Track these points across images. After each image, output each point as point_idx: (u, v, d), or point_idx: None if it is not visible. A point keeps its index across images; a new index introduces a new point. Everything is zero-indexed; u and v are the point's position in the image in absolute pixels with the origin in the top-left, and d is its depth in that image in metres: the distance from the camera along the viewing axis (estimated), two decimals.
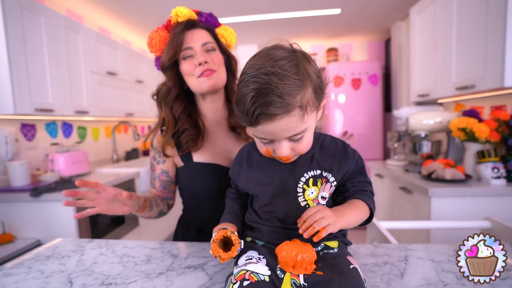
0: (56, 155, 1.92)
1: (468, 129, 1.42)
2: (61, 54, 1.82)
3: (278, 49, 0.46)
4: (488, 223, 0.95)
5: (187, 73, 0.77)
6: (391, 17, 2.88)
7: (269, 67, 0.42)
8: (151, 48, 0.79)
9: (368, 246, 0.70)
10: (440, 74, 1.73)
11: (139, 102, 2.83)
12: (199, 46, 0.75)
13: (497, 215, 1.16)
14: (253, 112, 0.43)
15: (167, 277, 0.59)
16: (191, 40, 0.75)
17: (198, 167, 0.78)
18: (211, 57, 0.76)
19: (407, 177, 1.58)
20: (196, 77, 0.75)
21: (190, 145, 0.77)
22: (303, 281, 0.42)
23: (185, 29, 0.75)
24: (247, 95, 0.43)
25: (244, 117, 0.45)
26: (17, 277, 0.61)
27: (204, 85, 0.75)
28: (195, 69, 0.75)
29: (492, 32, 1.31)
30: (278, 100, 0.41)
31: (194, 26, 0.77)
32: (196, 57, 0.75)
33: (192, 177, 0.80)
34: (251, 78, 0.43)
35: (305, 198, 0.52)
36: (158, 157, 0.82)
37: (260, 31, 3.20)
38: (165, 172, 0.83)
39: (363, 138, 3.15)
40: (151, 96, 0.84)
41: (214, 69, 0.75)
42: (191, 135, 0.78)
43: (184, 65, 0.76)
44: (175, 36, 0.74)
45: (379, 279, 0.55)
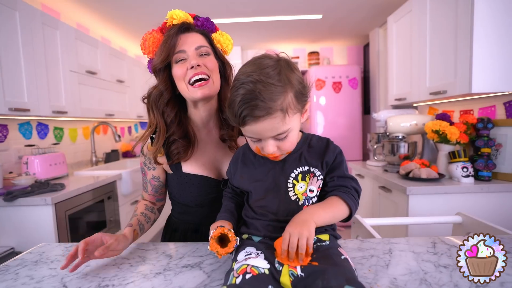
0: (31, 157, 1.83)
1: (440, 131, 1.53)
2: (38, 51, 1.74)
3: (265, 58, 0.52)
4: (460, 217, 1.03)
5: (178, 78, 0.74)
6: (370, 23, 3.01)
7: (256, 75, 0.49)
8: (144, 50, 0.77)
9: (355, 241, 0.75)
10: (415, 80, 1.85)
11: (119, 102, 2.75)
12: (193, 49, 0.73)
13: (467, 210, 1.26)
14: (240, 113, 0.49)
15: (165, 276, 0.59)
16: (185, 43, 0.73)
17: (187, 178, 0.78)
18: (204, 61, 0.73)
19: (386, 176, 1.66)
20: (186, 82, 0.73)
21: (181, 156, 0.77)
22: (300, 272, 0.45)
23: (179, 32, 0.73)
24: (235, 99, 0.49)
25: (233, 118, 0.52)
26: (4, 284, 0.59)
27: (196, 94, 0.73)
28: (187, 73, 0.72)
29: (461, 43, 1.42)
30: (261, 104, 0.48)
31: (188, 30, 0.75)
32: (188, 60, 0.73)
33: (181, 187, 0.79)
34: (241, 85, 0.49)
35: (295, 193, 0.56)
36: (148, 163, 0.82)
37: (244, 33, 3.23)
38: (156, 178, 0.83)
39: (343, 140, 3.26)
40: (141, 99, 0.81)
41: (207, 73, 0.73)
42: (182, 147, 0.77)
43: (176, 69, 0.74)
44: (168, 38, 0.72)
45: (368, 270, 0.59)
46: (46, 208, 1.44)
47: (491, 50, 1.35)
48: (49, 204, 1.43)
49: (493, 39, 1.35)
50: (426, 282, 0.54)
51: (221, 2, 2.41)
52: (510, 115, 1.49)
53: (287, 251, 0.46)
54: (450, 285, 0.53)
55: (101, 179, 1.88)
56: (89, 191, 1.75)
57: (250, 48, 3.82)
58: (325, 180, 0.58)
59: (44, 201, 1.42)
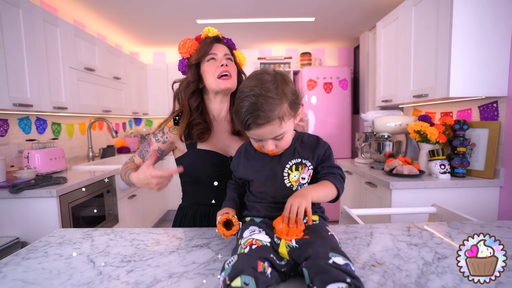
0: (32, 151, 1.87)
1: (422, 131, 1.67)
2: (39, 48, 1.78)
3: (265, 74, 0.64)
4: (434, 208, 1.16)
5: (208, 72, 0.92)
6: (360, 27, 3.14)
7: (257, 90, 0.60)
8: (183, 50, 0.96)
9: (342, 226, 0.86)
10: (401, 83, 1.98)
11: (115, 99, 2.80)
12: (222, 54, 0.93)
13: (443, 203, 1.39)
14: (245, 121, 0.60)
15: (179, 254, 0.69)
16: (217, 49, 0.94)
17: (200, 152, 0.93)
18: (229, 64, 0.93)
19: (372, 173, 1.79)
20: (215, 77, 0.90)
21: (200, 137, 0.92)
22: (295, 243, 0.56)
23: (214, 41, 0.94)
24: (241, 110, 0.60)
25: (239, 124, 0.63)
26: (37, 260, 0.67)
27: (222, 85, 0.90)
28: (217, 69, 0.91)
29: (440, 51, 1.56)
30: (262, 114, 0.59)
31: (219, 41, 0.97)
32: (218, 60, 0.92)
33: (194, 161, 0.93)
34: (245, 97, 0.60)
35: (290, 180, 0.68)
36: (160, 137, 0.95)
37: (239, 33, 3.31)
38: (160, 150, 0.97)
39: (333, 138, 3.39)
40: (172, 86, 0.99)
41: (230, 72, 0.92)
42: (202, 129, 0.92)
43: (207, 66, 0.92)
44: (205, 44, 0.93)
45: (351, 248, 0.70)
46: (51, 200, 1.50)
47: (467, 58, 1.49)
48: (54, 196, 1.49)
49: (469, 49, 1.49)
50: (399, 256, 0.65)
51: (217, 4, 2.48)
52: (484, 118, 1.64)
53: (289, 218, 0.56)
54: (417, 258, 0.64)
55: (98, 174, 1.94)
56: (91, 185, 1.82)
57: (244, 47, 3.90)
58: (316, 170, 0.70)
59: (49, 193, 1.48)
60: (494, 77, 1.50)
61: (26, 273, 0.61)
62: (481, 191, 1.55)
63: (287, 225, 0.59)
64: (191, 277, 0.58)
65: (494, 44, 1.48)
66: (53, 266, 0.64)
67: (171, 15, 2.70)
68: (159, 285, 0.55)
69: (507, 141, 1.51)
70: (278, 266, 0.53)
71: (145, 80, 3.59)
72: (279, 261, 0.54)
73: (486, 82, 1.50)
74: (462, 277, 0.56)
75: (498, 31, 1.47)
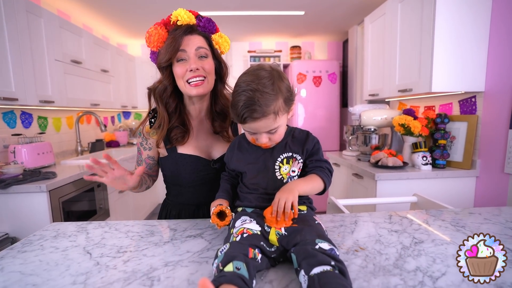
0: (18, 146, 1.84)
1: (406, 125, 1.73)
2: (23, 39, 1.73)
3: (261, 70, 0.65)
4: (415, 198, 1.23)
5: (178, 76, 0.84)
6: (349, 21, 3.18)
7: (254, 85, 0.61)
8: (149, 44, 0.85)
9: (329, 215, 0.91)
10: (387, 77, 2.04)
11: (104, 92, 2.75)
12: (193, 50, 0.82)
13: (425, 192, 1.47)
14: (242, 115, 0.62)
15: (173, 244, 0.72)
16: (187, 44, 0.82)
17: (181, 157, 0.90)
18: (202, 64, 0.83)
19: (359, 165, 1.86)
20: (185, 81, 0.83)
21: (178, 141, 0.89)
22: (284, 231, 0.60)
23: (184, 34, 0.81)
24: (238, 103, 0.62)
25: (236, 117, 0.65)
26: (33, 253, 0.69)
27: (192, 92, 0.84)
28: (186, 73, 0.82)
29: (424, 48, 1.61)
30: (258, 109, 0.61)
31: (192, 32, 0.83)
32: (189, 62, 0.82)
33: (175, 166, 0.91)
34: (242, 92, 0.62)
35: (281, 173, 0.71)
36: (145, 144, 0.93)
37: (229, 26, 3.29)
38: (151, 158, 0.95)
39: (322, 131, 3.46)
40: (148, 90, 0.91)
41: (203, 75, 0.83)
42: (180, 133, 0.88)
43: (177, 68, 0.83)
44: (173, 41, 0.80)
45: (337, 236, 0.75)
46: (41, 195, 1.49)
47: (449, 55, 1.55)
48: (44, 191, 1.48)
49: (450, 46, 1.55)
50: (380, 242, 0.71)
51: None
52: (463, 112, 1.72)
53: (277, 211, 0.60)
54: (396, 243, 0.69)
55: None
56: (80, 179, 1.81)
57: (234, 40, 3.89)
58: (305, 163, 0.73)
59: (39, 188, 1.47)
60: (473, 73, 1.57)
61: (24, 265, 0.63)
62: (459, 181, 1.64)
63: (276, 216, 0.63)
64: (186, 265, 0.61)
65: (473, 42, 1.55)
66: (50, 258, 0.66)
67: (159, 6, 2.65)
68: (155, 273, 0.58)
69: (483, 134, 1.59)
70: (268, 252, 0.57)
71: (133, 73, 3.54)
72: (269, 247, 0.58)
73: (465, 78, 1.57)
74: (434, 258, 0.62)
75: (477, 31, 1.54)
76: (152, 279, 0.56)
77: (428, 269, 0.57)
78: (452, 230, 0.77)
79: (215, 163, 0.91)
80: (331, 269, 0.47)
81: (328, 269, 0.47)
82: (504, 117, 1.46)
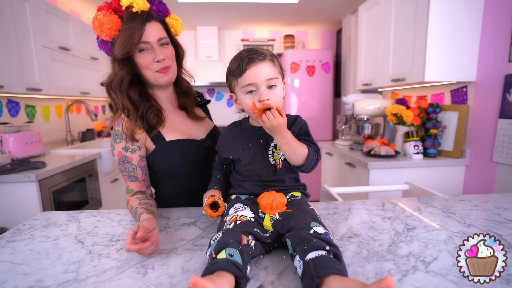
0: (5, 135, 1.79)
1: (398, 114, 1.74)
2: (7, 24, 1.66)
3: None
4: (407, 186, 1.25)
5: (143, 66, 0.80)
6: (343, 10, 3.14)
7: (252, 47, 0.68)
8: (101, 32, 0.76)
9: (322, 203, 0.91)
10: (380, 67, 2.03)
11: (94, 80, 2.68)
12: (155, 41, 0.79)
13: (416, 180, 1.49)
14: (242, 62, 0.65)
15: (167, 232, 0.71)
16: (148, 35, 0.78)
17: (172, 145, 0.85)
18: (166, 53, 0.82)
19: (352, 154, 1.87)
20: (153, 71, 0.81)
21: (159, 120, 0.83)
22: (278, 216, 0.60)
23: (143, 23, 0.77)
24: (239, 56, 0.66)
25: (235, 70, 0.66)
26: (23, 242, 0.67)
27: (161, 80, 0.83)
28: (153, 65, 0.80)
29: (418, 37, 1.61)
30: (258, 53, 0.66)
31: (149, 19, 0.79)
32: (153, 53, 0.79)
33: (169, 155, 0.85)
34: (243, 51, 0.67)
35: (274, 158, 0.71)
36: (131, 145, 0.82)
37: (221, 14, 3.21)
38: (143, 157, 0.85)
39: (315, 121, 3.46)
40: (104, 85, 0.83)
41: (169, 64, 0.83)
42: (155, 111, 0.83)
43: (140, 59, 0.80)
44: (133, 32, 0.76)
45: (331, 222, 0.75)
46: (31, 185, 1.46)
47: (442, 45, 1.55)
48: (34, 181, 1.45)
49: (443, 36, 1.55)
50: (373, 228, 0.71)
51: None
52: (455, 101, 1.74)
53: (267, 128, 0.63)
54: (389, 230, 0.70)
55: (78, 158, 1.89)
56: (71, 169, 1.77)
57: (227, 28, 3.81)
58: None
59: (28, 178, 1.44)
60: (465, 64, 1.58)
61: (13, 255, 0.62)
62: (449, 169, 1.67)
63: (269, 193, 0.63)
64: (180, 253, 0.61)
65: (466, 33, 1.55)
66: (40, 247, 0.65)
67: None
68: (149, 260, 0.58)
69: (473, 123, 1.61)
70: (263, 238, 0.57)
71: None
72: (264, 233, 0.58)
73: (458, 68, 1.58)
74: (426, 244, 0.63)
75: (470, 22, 1.55)
76: (146, 267, 0.56)
77: (421, 254, 0.59)
78: (443, 217, 0.78)
79: (205, 142, 0.91)
80: (326, 254, 0.48)
81: (323, 254, 0.48)
82: (494, 107, 1.48)
